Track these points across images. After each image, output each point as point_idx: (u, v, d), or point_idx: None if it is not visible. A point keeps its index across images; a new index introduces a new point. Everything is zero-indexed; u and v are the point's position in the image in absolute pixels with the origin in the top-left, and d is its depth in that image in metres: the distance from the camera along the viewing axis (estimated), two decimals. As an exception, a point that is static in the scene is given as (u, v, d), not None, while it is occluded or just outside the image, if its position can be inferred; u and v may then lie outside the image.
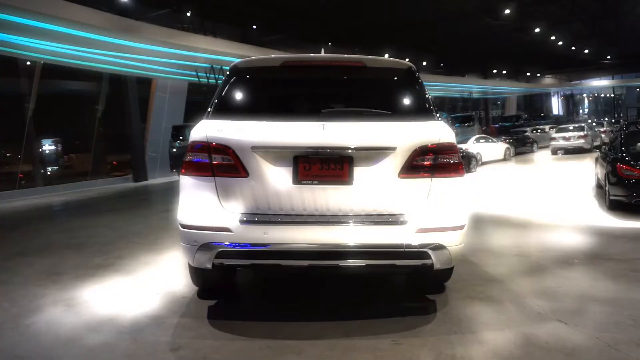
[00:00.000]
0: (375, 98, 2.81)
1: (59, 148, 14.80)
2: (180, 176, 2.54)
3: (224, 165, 2.41)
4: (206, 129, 2.46)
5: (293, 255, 2.40)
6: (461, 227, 2.47)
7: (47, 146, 14.30)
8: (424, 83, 2.76)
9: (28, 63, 11.98)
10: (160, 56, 12.16)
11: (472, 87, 30.33)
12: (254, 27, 18.20)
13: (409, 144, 2.41)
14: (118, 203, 9.42)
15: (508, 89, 34.57)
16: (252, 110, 2.68)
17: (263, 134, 2.41)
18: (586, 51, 27.72)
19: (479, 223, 5.50)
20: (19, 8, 8.12)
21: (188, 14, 15.86)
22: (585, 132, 16.62)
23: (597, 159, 7.88)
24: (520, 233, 5.09)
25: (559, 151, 16.67)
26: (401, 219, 2.38)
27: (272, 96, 2.86)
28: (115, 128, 14.34)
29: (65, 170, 14.20)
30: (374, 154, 2.41)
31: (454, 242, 2.44)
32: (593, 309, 2.81)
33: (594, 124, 23.48)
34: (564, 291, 3.15)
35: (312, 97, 2.84)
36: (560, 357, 2.21)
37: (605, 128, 20.37)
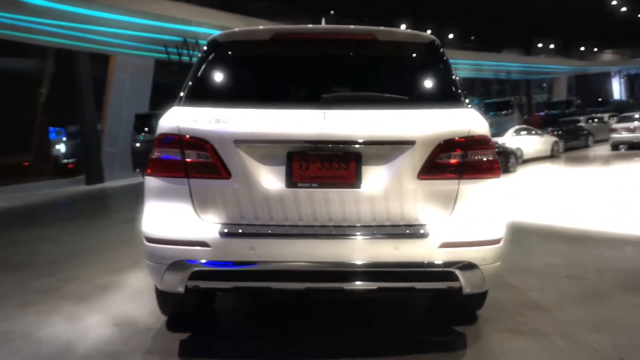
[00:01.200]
0: (388, 80, 2.81)
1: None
2: (146, 177, 2.55)
3: (201, 163, 2.42)
4: (178, 119, 2.47)
5: (286, 277, 2.41)
6: (497, 241, 2.48)
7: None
8: (450, 61, 2.76)
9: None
10: (120, 27, 12.19)
11: (510, 65, 30.40)
12: (238, -10, 18.28)
13: (431, 137, 2.42)
14: (67, 211, 9.44)
15: (556, 67, 34.67)
16: (236, 95, 2.69)
17: (249, 124, 2.42)
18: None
19: (520, 236, 5.50)
20: None
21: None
22: (655, 122, 16.66)
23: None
24: (573, 249, 5.09)
25: (620, 146, 16.71)
26: (421, 231, 2.39)
27: (261, 77, 2.85)
28: (64, 117, 14.38)
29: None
30: (387, 149, 2.42)
31: (487, 259, 2.45)
32: (664, 345, 2.81)
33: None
34: (628, 323, 3.14)
35: (310, 79, 2.84)
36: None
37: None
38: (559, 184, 10.40)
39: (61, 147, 23.20)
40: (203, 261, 2.37)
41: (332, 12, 19.16)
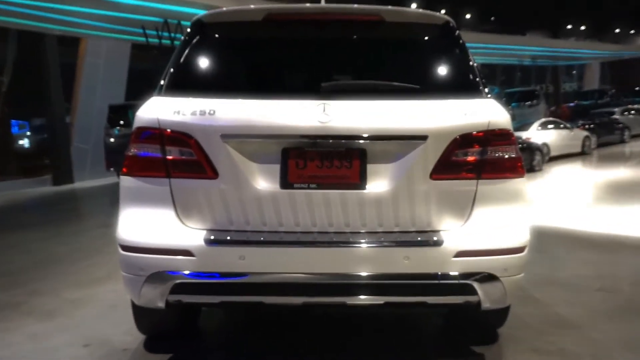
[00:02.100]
0: (397, 66, 2.82)
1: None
2: (121, 177, 2.56)
3: (183, 161, 2.43)
4: (158, 110, 2.48)
5: (281, 290, 2.42)
6: (520, 250, 2.49)
7: None
8: (467, 45, 2.77)
9: None
10: (92, 5, 12.17)
11: (535, 50, 30.42)
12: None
13: (446, 131, 2.43)
14: (33, 215, 9.43)
15: (588, 52, 34.68)
16: (223, 83, 2.70)
17: (238, 117, 2.43)
18: None
19: (546, 243, 5.51)
20: None
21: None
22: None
23: None
24: (605, 258, 5.10)
25: (661, 141, 16.69)
26: (434, 238, 2.40)
27: (252, 64, 2.86)
28: (28, 108, 14.37)
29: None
30: (395, 145, 2.43)
31: (510, 270, 2.45)
32: None
33: None
34: (667, 342, 3.16)
35: (308, 65, 2.84)
36: None
37: None
38: (591, 185, 10.41)
39: (24, 143, 23.21)
40: (186, 272, 2.39)
41: (333, -11, 19.17)
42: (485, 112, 2.49)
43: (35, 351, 3.27)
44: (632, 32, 39.06)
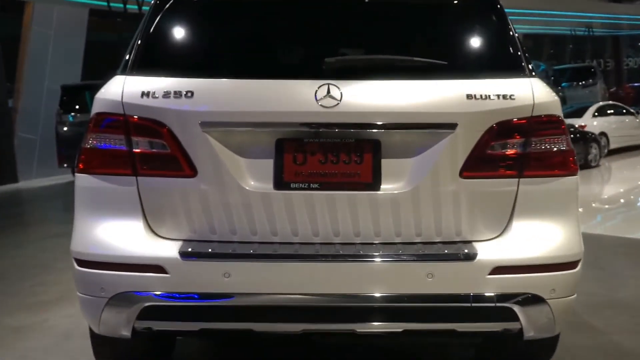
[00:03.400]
0: (419, 38, 2.82)
1: None
2: (76, 175, 2.55)
3: (154, 155, 2.44)
4: (122, 92, 2.47)
5: (275, 315, 2.43)
6: (572, 265, 2.49)
7: None
8: (507, 10, 2.75)
9: None
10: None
11: (592, 16, 30.35)
12: None
13: (480, 117, 2.43)
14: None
15: (657, 19, 34.53)
16: (204, 59, 2.71)
17: (222, 100, 2.44)
18: None
19: (604, 257, 5.49)
20: None
21: None
22: None
23: None
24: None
25: None
26: (465, 251, 2.40)
27: (239, 34, 2.83)
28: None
29: None
30: (417, 135, 2.44)
31: (559, 290, 2.44)
32: None
33: None
34: None
35: (309, 37, 2.84)
36: None
37: None
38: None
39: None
40: (157, 293, 2.38)
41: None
42: (529, 94, 2.49)
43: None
44: None
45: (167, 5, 2.68)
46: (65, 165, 13.07)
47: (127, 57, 2.61)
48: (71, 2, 15.33)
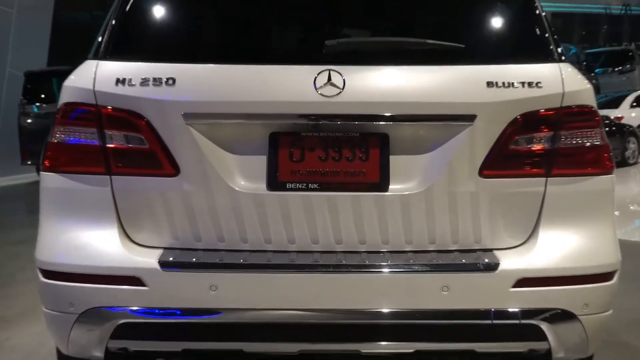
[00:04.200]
0: (431, 17, 2.83)
1: None
2: (42, 174, 2.55)
3: (131, 151, 2.45)
4: (94, 79, 2.47)
5: (268, 333, 2.44)
6: (607, 277, 2.49)
7: None
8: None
9: None
10: None
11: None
12: None
13: (502, 108, 2.43)
14: None
15: None
16: (187, 42, 2.72)
17: (207, 88, 2.44)
18: None
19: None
20: None
21: None
22: None
23: None
24: None
25: None
26: (485, 260, 2.41)
27: (226, 14, 2.86)
28: None
29: None
30: (431, 128, 2.45)
31: (593, 305, 2.44)
32: None
33: None
34: None
35: (307, 16, 2.84)
36: None
37: None
38: None
39: None
40: (134, 308, 2.39)
41: None
42: (558, 81, 2.48)
43: None
44: None
45: None
46: (29, 162, 13.07)
47: (99, 39, 2.61)
48: (36, -23, 15.34)
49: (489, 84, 2.44)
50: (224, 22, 2.85)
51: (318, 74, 2.40)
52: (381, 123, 2.43)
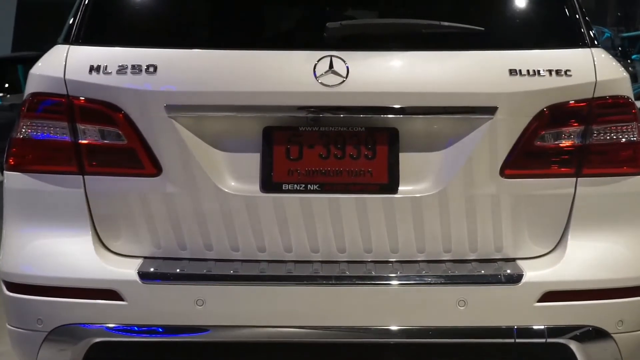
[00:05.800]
0: None
1: None
2: (6, 174, 2.50)
3: (106, 148, 2.41)
4: (65, 66, 2.43)
5: (261, 354, 2.46)
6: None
7: None
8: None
9: None
10: None
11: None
12: None
13: (526, 99, 2.39)
14: None
15: None
16: (169, 24, 2.69)
17: (193, 77, 2.42)
18: None
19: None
20: None
21: None
22: None
23: None
24: None
25: None
26: (507, 271, 2.38)
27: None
28: None
29: None
30: (446, 122, 2.44)
31: (629, 322, 2.39)
32: None
33: None
34: None
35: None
36: None
37: None
38: None
39: None
40: (111, 325, 2.36)
41: None
42: (590, 69, 2.43)
43: None
44: None
45: None
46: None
47: (71, 20, 2.57)
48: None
49: (512, 72, 2.40)
50: (211, 2, 2.85)
51: (318, 61, 2.36)
52: (390, 116, 2.39)
